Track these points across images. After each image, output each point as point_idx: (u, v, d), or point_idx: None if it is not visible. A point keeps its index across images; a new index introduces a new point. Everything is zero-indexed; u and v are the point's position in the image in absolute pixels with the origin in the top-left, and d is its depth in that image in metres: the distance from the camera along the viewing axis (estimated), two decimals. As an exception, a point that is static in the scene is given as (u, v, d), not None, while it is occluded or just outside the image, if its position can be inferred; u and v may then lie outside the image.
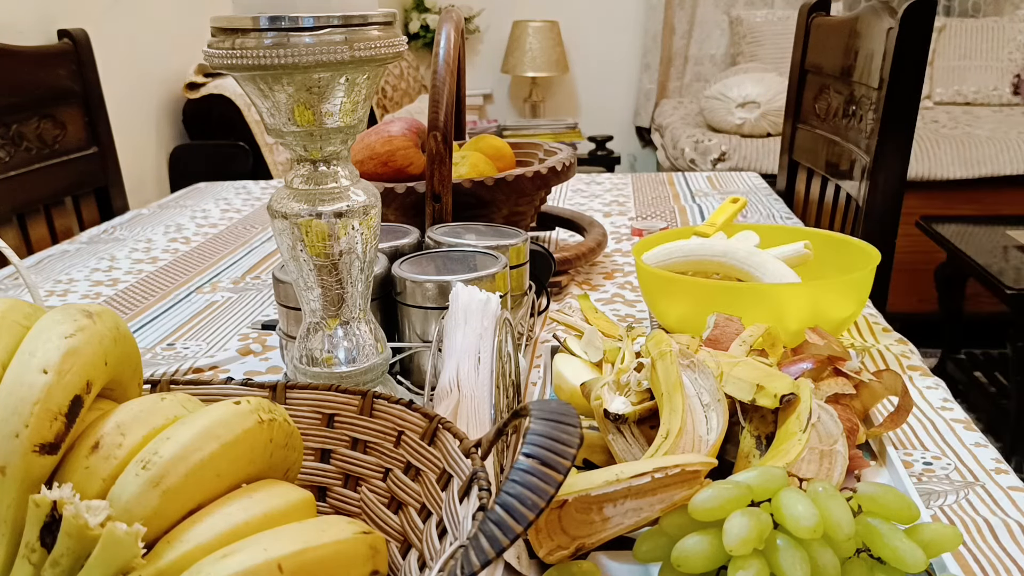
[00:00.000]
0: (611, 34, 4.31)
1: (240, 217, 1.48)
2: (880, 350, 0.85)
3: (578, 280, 1.08)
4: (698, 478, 0.49)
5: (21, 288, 1.13)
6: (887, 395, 0.66)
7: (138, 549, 0.38)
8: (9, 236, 1.46)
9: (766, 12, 4.08)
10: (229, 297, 1.07)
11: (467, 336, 0.64)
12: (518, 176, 0.98)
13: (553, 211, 1.24)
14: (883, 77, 1.28)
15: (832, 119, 1.53)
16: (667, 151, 3.54)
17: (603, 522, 0.50)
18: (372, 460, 0.54)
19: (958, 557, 0.54)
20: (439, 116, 0.86)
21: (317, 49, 0.55)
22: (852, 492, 0.48)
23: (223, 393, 0.56)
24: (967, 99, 3.81)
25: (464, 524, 0.43)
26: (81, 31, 1.65)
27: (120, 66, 2.30)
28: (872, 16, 1.36)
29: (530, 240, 0.86)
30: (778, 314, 0.75)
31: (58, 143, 1.59)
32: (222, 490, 0.43)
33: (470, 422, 0.59)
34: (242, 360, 0.88)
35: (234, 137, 2.52)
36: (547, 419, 0.40)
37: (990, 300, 2.42)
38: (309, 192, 0.60)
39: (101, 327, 0.45)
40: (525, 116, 4.44)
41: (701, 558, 0.47)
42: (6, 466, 0.40)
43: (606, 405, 0.60)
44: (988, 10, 4.02)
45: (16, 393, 0.41)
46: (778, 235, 0.92)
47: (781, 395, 0.56)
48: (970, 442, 0.68)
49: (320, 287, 0.63)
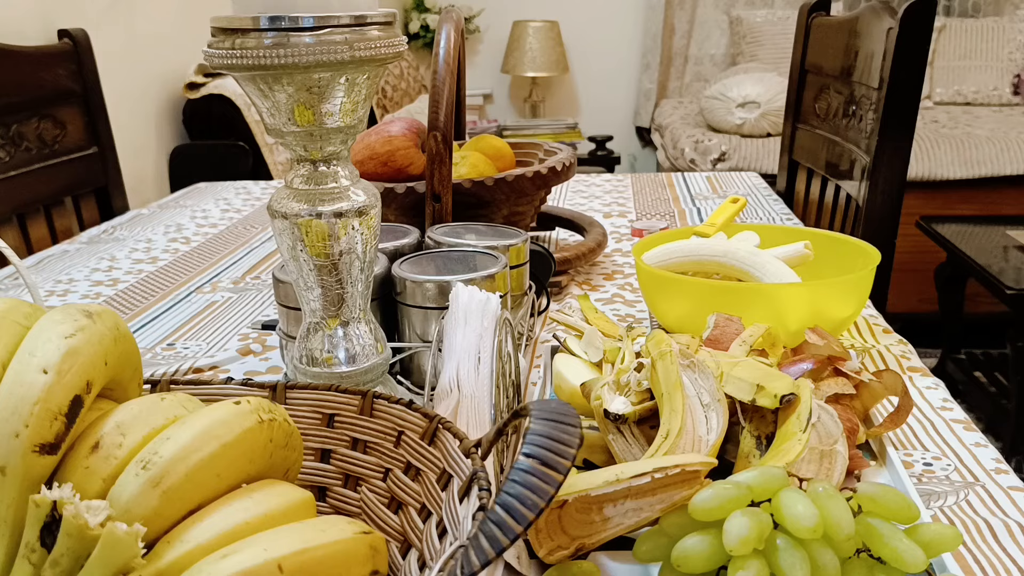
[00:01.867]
0: (611, 34, 4.31)
1: (240, 217, 1.48)
2: (880, 350, 0.85)
3: (578, 280, 1.08)
4: (698, 478, 0.49)
5: (21, 288, 1.13)
6: (887, 395, 0.66)
7: (138, 549, 0.38)
8: (9, 236, 1.46)
9: (766, 12, 4.08)
10: (229, 297, 1.07)
11: (467, 336, 0.64)
12: (518, 176, 0.98)
13: (553, 211, 1.24)
14: (883, 77, 1.28)
15: (832, 119, 1.53)
16: (667, 151, 3.54)
17: (603, 522, 0.50)
18: (372, 460, 0.54)
19: (958, 557, 0.54)
20: (439, 116, 0.86)
21: (317, 49, 0.55)
22: (852, 492, 0.48)
23: (223, 393, 0.56)
24: (967, 99, 3.81)
25: (464, 524, 0.43)
26: (81, 31, 1.65)
27: (120, 66, 2.30)
28: (872, 16, 1.36)
29: (530, 240, 0.86)
30: (778, 314, 0.75)
31: (58, 143, 1.59)
32: (222, 490, 0.43)
33: (470, 422, 0.59)
34: (242, 360, 0.88)
35: (234, 137, 2.52)
36: (547, 419, 0.40)
37: (990, 300, 2.42)
38: (309, 192, 0.60)
39: (101, 327, 0.45)
40: (525, 116, 4.44)
41: (701, 558, 0.47)
42: (6, 466, 0.40)
43: (606, 405, 0.60)
44: (988, 10, 4.02)
45: (16, 393, 0.41)
46: (778, 235, 0.92)
47: (781, 395, 0.56)
48: (970, 442, 0.68)
49: (320, 287, 0.63)
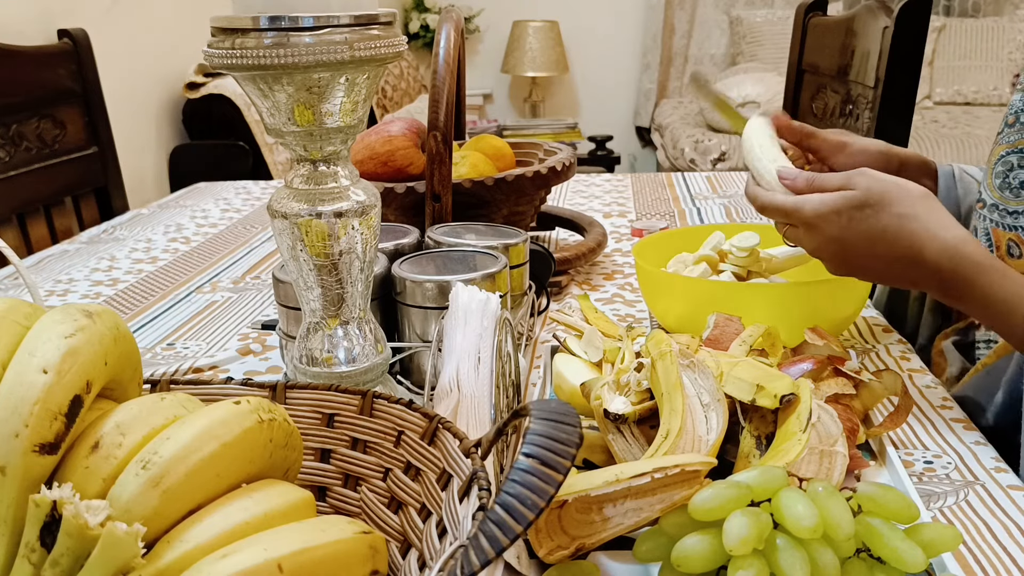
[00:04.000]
0: (611, 34, 4.31)
1: (240, 217, 1.48)
2: (880, 350, 0.85)
3: (578, 280, 1.08)
4: (698, 478, 0.49)
5: (21, 288, 1.13)
6: (887, 395, 0.66)
7: (138, 549, 0.38)
8: (9, 236, 1.46)
9: (766, 12, 4.09)
10: (229, 297, 1.07)
11: (467, 336, 0.64)
12: (518, 176, 0.98)
13: (553, 211, 1.24)
14: (879, 76, 1.28)
15: (829, 118, 1.53)
16: (667, 151, 3.54)
17: (603, 522, 0.50)
18: (372, 460, 0.54)
19: (958, 557, 0.54)
20: (439, 116, 0.86)
21: (317, 49, 0.55)
22: (852, 492, 0.48)
23: (223, 393, 0.56)
24: (967, 99, 3.81)
25: (464, 524, 0.43)
26: (81, 31, 1.65)
27: (120, 66, 2.30)
28: (868, 15, 1.36)
29: (530, 240, 0.86)
30: (778, 314, 0.75)
31: (58, 143, 1.59)
32: (222, 490, 0.43)
33: (470, 422, 0.59)
34: (242, 360, 0.88)
35: (234, 137, 2.52)
36: (547, 419, 0.40)
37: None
38: (309, 192, 0.60)
39: (101, 327, 0.45)
40: (525, 116, 4.44)
41: (701, 558, 0.47)
42: (6, 466, 0.40)
43: (606, 405, 0.60)
44: (988, 10, 4.02)
45: (16, 393, 0.41)
46: (778, 235, 0.92)
47: (781, 395, 0.56)
48: (970, 441, 0.68)
49: (320, 287, 0.63)
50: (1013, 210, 0.76)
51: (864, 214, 0.68)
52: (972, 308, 0.70)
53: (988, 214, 0.79)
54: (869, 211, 0.68)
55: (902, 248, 0.68)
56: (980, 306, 0.68)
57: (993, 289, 0.67)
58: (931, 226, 0.68)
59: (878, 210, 0.68)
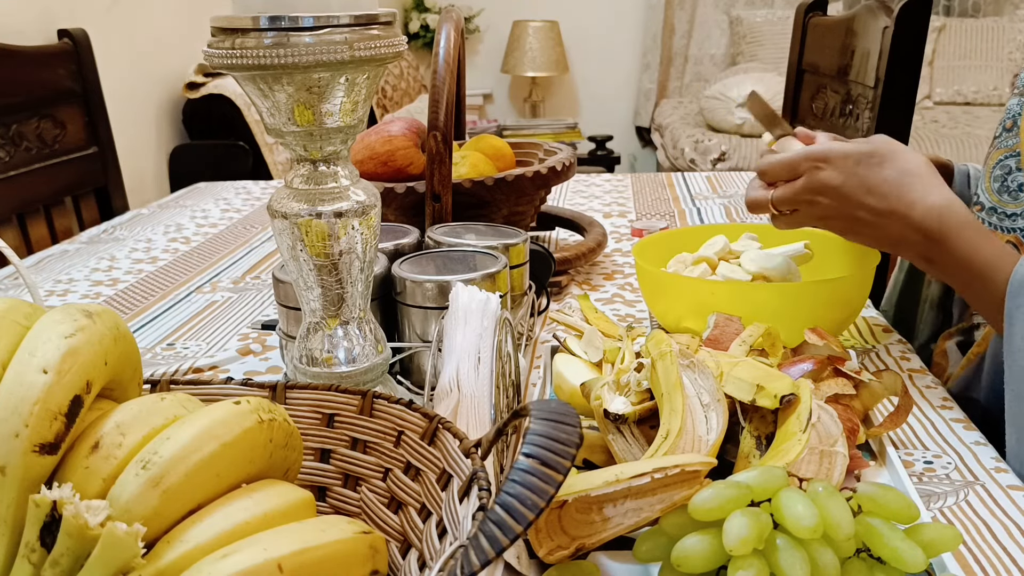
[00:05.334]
0: (611, 34, 4.31)
1: (240, 217, 1.48)
2: (880, 350, 0.85)
3: (578, 280, 1.08)
4: (698, 478, 0.49)
5: (21, 288, 1.13)
6: (887, 395, 0.66)
7: (138, 549, 0.38)
8: (9, 236, 1.46)
9: (766, 12, 4.09)
10: (229, 297, 1.07)
11: (467, 336, 0.64)
12: (518, 176, 0.98)
13: (553, 211, 1.24)
14: (879, 76, 1.28)
15: (829, 118, 1.53)
16: (667, 151, 3.54)
17: (603, 522, 0.50)
18: (372, 460, 0.54)
19: (958, 557, 0.54)
20: (439, 116, 0.86)
21: (317, 49, 0.55)
22: (852, 492, 0.48)
23: (223, 393, 0.56)
24: (967, 99, 3.81)
25: (464, 524, 0.43)
26: (81, 31, 1.65)
27: (120, 66, 2.30)
28: (868, 15, 1.36)
29: (530, 240, 0.86)
30: (778, 314, 0.75)
31: (58, 143, 1.59)
32: (222, 490, 0.43)
33: (470, 422, 0.59)
34: (242, 360, 0.88)
35: (234, 137, 2.52)
36: (547, 419, 0.40)
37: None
38: (309, 192, 0.60)
39: (101, 327, 0.45)
40: (525, 116, 4.44)
41: (701, 558, 0.47)
42: (6, 466, 0.40)
43: (606, 405, 0.60)
44: (988, 10, 4.02)
45: (16, 393, 0.41)
46: (778, 235, 0.92)
47: (781, 395, 0.56)
48: (970, 441, 0.68)
49: (320, 287, 0.63)
50: (1012, 212, 0.76)
51: (871, 161, 0.72)
52: (954, 269, 0.71)
53: (986, 217, 0.79)
54: (876, 160, 0.72)
55: (894, 201, 0.71)
56: (963, 267, 0.70)
57: (977, 249, 0.69)
58: (927, 186, 0.71)
59: (883, 161, 0.72)
